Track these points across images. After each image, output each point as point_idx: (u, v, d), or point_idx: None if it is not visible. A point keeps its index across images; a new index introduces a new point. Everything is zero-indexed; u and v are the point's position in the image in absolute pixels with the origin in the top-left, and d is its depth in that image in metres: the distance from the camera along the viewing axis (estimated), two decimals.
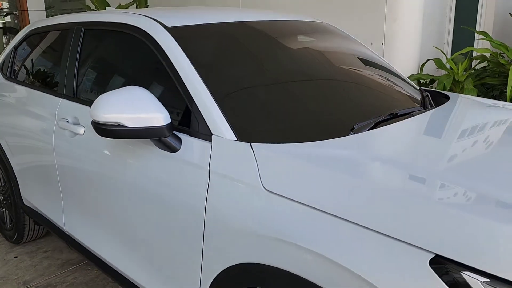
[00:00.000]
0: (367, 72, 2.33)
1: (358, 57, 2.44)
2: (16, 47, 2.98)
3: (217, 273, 1.51)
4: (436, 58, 5.90)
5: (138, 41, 1.97)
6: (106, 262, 2.13)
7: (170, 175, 1.67)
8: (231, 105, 1.68)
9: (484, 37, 5.51)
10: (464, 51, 5.57)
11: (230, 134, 1.57)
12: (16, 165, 2.81)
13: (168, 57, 1.81)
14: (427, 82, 6.07)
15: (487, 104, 2.32)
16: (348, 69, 2.25)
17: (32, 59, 2.82)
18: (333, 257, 1.19)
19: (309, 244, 1.24)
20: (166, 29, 1.92)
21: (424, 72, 6.31)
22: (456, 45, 7.07)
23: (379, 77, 2.33)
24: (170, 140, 1.66)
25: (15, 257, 3.11)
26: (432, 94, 2.40)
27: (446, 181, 1.27)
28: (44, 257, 3.10)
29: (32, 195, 2.73)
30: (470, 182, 1.25)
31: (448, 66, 5.73)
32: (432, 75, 5.87)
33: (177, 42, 1.84)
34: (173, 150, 1.67)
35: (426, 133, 1.76)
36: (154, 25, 1.95)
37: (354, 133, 1.65)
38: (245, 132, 1.58)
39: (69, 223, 2.38)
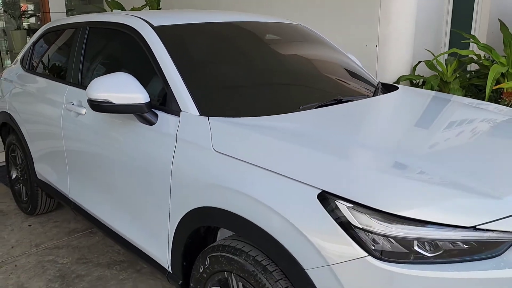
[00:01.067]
0: (325, 65, 2.73)
1: (321, 53, 2.83)
2: (34, 44, 3.47)
3: (181, 217, 1.92)
4: (427, 60, 6.22)
5: (130, 37, 2.41)
6: (100, 220, 2.57)
7: (147, 143, 2.10)
8: (197, 88, 2.09)
9: (473, 40, 5.80)
10: (448, 52, 5.89)
11: (194, 110, 1.99)
12: (31, 143, 3.28)
13: (151, 50, 2.24)
14: (419, 83, 6.39)
15: (429, 95, 2.70)
16: (306, 61, 2.66)
17: (46, 54, 3.30)
18: (257, 196, 1.59)
19: (242, 188, 1.65)
20: (152, 27, 2.35)
21: (420, 73, 6.61)
22: (453, 48, 7.36)
23: (336, 69, 2.73)
24: (148, 115, 2.09)
25: (29, 225, 3.59)
26: (386, 86, 2.80)
27: (338, 140, 1.68)
28: (54, 226, 3.57)
29: (44, 169, 3.20)
30: (358, 140, 1.66)
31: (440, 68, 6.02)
32: (423, 76, 6.19)
33: (159, 38, 2.27)
34: (151, 123, 2.10)
35: (351, 111, 2.15)
36: (143, 24, 2.39)
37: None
38: (206, 108, 2.00)
39: (73, 191, 2.84)
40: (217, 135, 1.84)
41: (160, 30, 2.33)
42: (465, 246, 1.36)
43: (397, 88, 2.80)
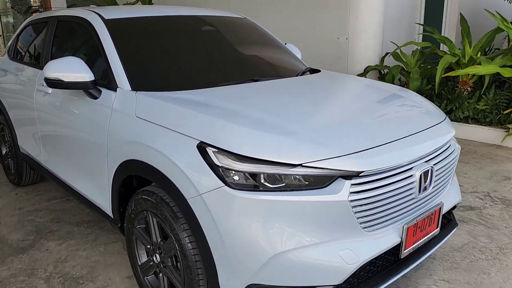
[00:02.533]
0: (254, 51, 3.21)
1: (253, 42, 3.32)
2: (18, 36, 4.02)
3: (115, 168, 2.43)
4: (394, 52, 6.64)
5: (86, 28, 2.92)
6: (65, 181, 3.10)
7: (93, 113, 2.62)
8: (132, 69, 2.59)
9: (433, 33, 6.19)
10: (406, 45, 6.30)
11: (127, 87, 2.49)
12: (15, 121, 3.82)
13: (100, 38, 2.75)
14: (385, 73, 6.82)
15: (343, 78, 3.18)
16: (235, 48, 3.15)
17: (26, 44, 3.83)
18: (159, 148, 2.09)
19: (151, 143, 2.15)
20: (103, 20, 2.86)
21: (392, 64, 7.01)
22: (426, 41, 7.75)
23: (264, 55, 3.22)
24: (93, 91, 2.61)
25: (16, 194, 4.14)
26: (314, 71, 3.29)
27: (225, 107, 2.18)
28: (37, 194, 4.12)
29: (25, 143, 3.74)
30: (241, 107, 2.15)
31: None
32: (389, 66, 6.62)
33: (107, 28, 2.78)
34: (95, 98, 2.61)
35: (259, 88, 2.64)
36: (96, 17, 2.90)
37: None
38: (137, 85, 2.50)
39: (45, 159, 3.37)
40: (139, 105, 2.34)
41: (109, 22, 2.84)
42: (299, 180, 1.84)
43: (319, 71, 3.28)
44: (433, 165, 2.15)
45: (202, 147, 1.93)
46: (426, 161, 2.14)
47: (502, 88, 5.74)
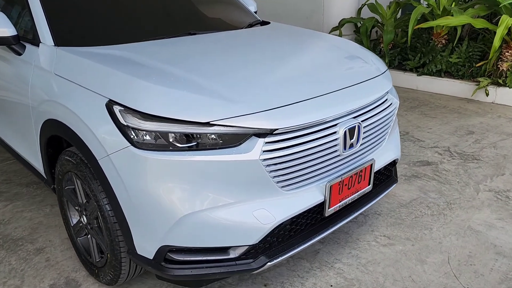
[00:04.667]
0: (195, 4, 3.05)
1: None
2: None
3: (40, 126, 2.33)
4: (370, 3, 6.39)
5: None
6: (8, 145, 3.01)
7: (17, 70, 2.50)
8: (57, 24, 2.44)
9: None
10: None
11: (50, 42, 2.36)
12: None
13: None
14: (360, 26, 6.60)
15: (290, 30, 3.04)
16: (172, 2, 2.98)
17: None
18: (71, 107, 2.00)
19: (65, 102, 2.06)
20: None
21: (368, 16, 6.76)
22: None
23: (207, 9, 3.06)
24: (16, 47, 2.47)
25: None
26: (263, 22, 3.15)
27: (143, 63, 2.07)
28: None
29: None
30: (160, 62, 2.04)
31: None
32: (364, 18, 6.39)
33: None
34: (19, 54, 2.48)
35: (193, 41, 2.51)
36: None
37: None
38: (60, 40, 2.36)
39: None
40: (59, 61, 2.22)
41: None
42: (213, 139, 1.76)
43: (269, 23, 3.13)
44: (362, 121, 2.08)
45: (109, 106, 1.84)
46: (353, 117, 2.06)
47: (476, 40, 5.58)
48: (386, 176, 2.56)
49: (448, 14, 5.37)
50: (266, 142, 1.78)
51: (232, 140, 1.78)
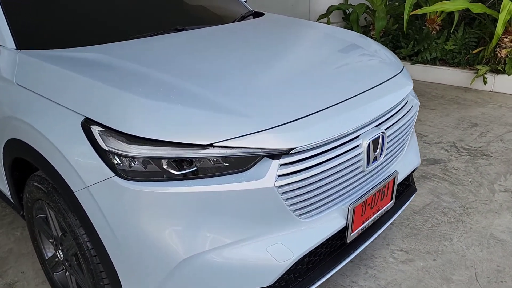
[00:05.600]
0: None
1: None
2: None
3: (2, 146, 1.95)
4: None
5: None
6: None
7: None
8: (18, 24, 2.04)
9: None
10: None
11: (11, 44, 1.96)
12: None
13: None
14: (349, 12, 6.29)
15: (286, 21, 2.69)
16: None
17: None
18: (39, 127, 1.63)
19: (27, 118, 1.69)
20: None
21: (357, 3, 6.46)
22: None
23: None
24: None
25: None
26: (258, 14, 2.80)
27: (122, 70, 1.71)
28: None
29: None
30: (142, 69, 1.69)
31: None
32: (353, 5, 6.08)
33: None
34: None
35: (179, 39, 2.15)
36: None
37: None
38: (23, 42, 1.97)
39: None
40: (21, 68, 1.84)
41: None
42: (216, 161, 1.43)
43: (263, 15, 2.79)
44: (385, 129, 1.77)
45: (86, 126, 1.48)
46: (376, 126, 1.76)
47: (472, 26, 5.34)
48: (405, 186, 2.27)
49: None
50: (281, 165, 1.46)
51: (240, 163, 1.45)
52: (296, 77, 1.79)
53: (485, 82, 4.88)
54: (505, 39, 4.76)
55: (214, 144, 1.40)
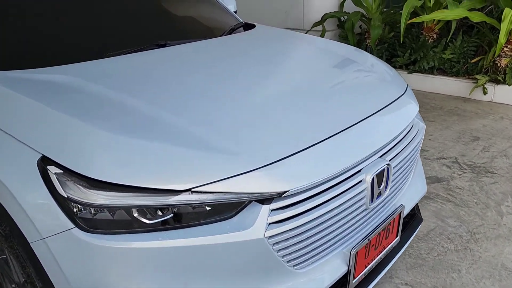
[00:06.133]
0: (165, 4, 2.45)
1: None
2: None
3: None
4: None
5: None
6: None
7: None
8: None
9: None
10: None
11: None
12: None
13: None
14: (344, 20, 6.12)
15: (288, 37, 2.48)
16: (137, 9, 2.37)
17: None
18: None
19: None
20: None
21: (351, 10, 6.28)
22: None
23: (179, 9, 2.47)
24: None
25: None
26: (247, 26, 2.58)
27: (91, 93, 1.49)
28: None
29: None
30: (113, 95, 1.46)
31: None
32: (349, 13, 5.90)
33: None
34: None
35: (161, 58, 1.93)
36: None
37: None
38: None
39: None
40: None
41: None
42: (195, 207, 1.22)
43: (254, 26, 2.58)
44: (390, 160, 1.56)
45: (42, 166, 1.26)
46: (380, 156, 1.55)
47: (470, 34, 5.17)
48: (410, 216, 2.07)
49: (440, 7, 4.94)
50: (272, 210, 1.25)
51: (224, 208, 1.23)
52: (288, 104, 1.57)
53: (485, 93, 4.71)
54: (505, 49, 4.59)
55: (192, 190, 1.18)
